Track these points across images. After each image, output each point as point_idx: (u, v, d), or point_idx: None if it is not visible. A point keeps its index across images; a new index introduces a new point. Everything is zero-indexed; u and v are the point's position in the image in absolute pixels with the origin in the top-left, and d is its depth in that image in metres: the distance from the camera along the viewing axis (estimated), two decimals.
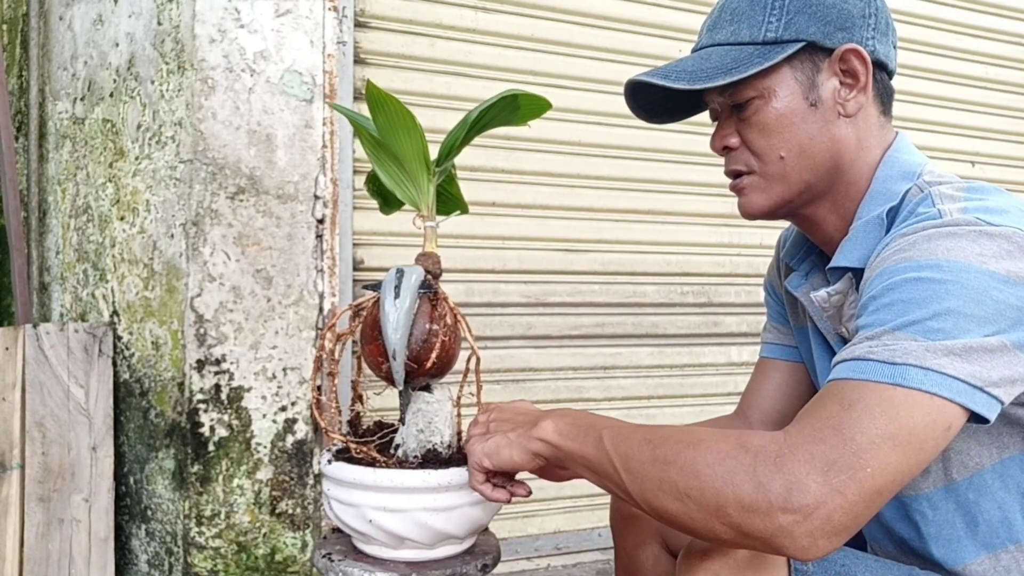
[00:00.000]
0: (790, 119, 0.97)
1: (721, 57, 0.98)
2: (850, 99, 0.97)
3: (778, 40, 0.96)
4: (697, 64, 0.99)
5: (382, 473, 1.02)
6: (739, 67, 0.96)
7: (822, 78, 0.97)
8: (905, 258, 0.83)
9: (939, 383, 0.75)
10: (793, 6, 0.97)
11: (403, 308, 1.02)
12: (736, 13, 1.00)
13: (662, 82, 0.97)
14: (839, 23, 0.96)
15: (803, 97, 0.97)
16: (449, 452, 1.09)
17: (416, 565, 1.06)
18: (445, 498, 1.02)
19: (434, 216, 1.11)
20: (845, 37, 0.96)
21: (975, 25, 2.70)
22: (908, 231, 0.87)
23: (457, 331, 1.10)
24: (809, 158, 0.98)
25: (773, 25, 0.97)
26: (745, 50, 0.98)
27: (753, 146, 0.99)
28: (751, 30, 0.98)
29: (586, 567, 2.21)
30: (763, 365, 1.24)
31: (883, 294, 0.82)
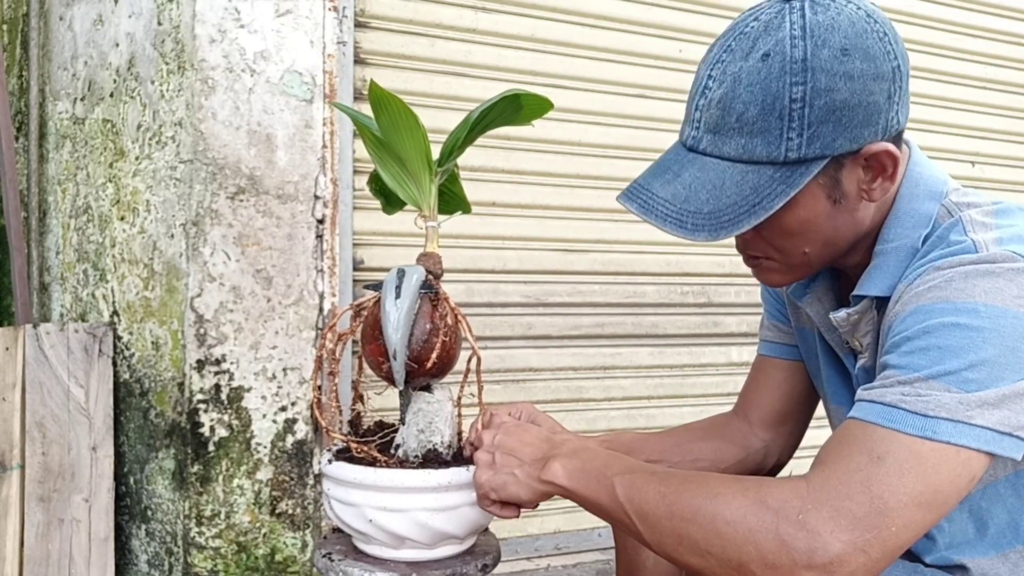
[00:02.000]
0: (814, 222, 0.89)
1: (737, 188, 0.86)
2: (876, 188, 0.88)
3: (801, 159, 0.84)
4: (713, 198, 0.86)
5: (382, 473, 1.02)
6: (762, 202, 0.84)
7: (846, 173, 0.87)
8: (941, 297, 0.80)
9: (968, 435, 0.75)
10: (816, 116, 0.83)
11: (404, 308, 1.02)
12: (746, 121, 0.85)
13: (677, 233, 0.86)
14: (866, 120, 0.84)
15: (827, 198, 0.88)
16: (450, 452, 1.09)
17: (416, 565, 1.06)
18: (445, 498, 1.02)
19: (436, 216, 1.11)
20: (872, 133, 0.85)
21: (975, 25, 2.70)
22: (943, 264, 0.83)
23: (458, 331, 1.10)
24: (834, 245, 0.92)
25: (795, 142, 0.84)
26: (763, 172, 0.85)
27: (774, 243, 0.92)
28: (767, 148, 0.85)
29: (586, 567, 2.21)
30: (761, 363, 1.22)
31: (919, 336, 0.80)
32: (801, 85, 0.83)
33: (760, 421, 1.22)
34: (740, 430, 1.23)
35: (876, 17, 0.86)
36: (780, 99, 0.83)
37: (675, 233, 0.86)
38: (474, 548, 1.12)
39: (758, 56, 0.85)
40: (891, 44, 0.86)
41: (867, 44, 0.84)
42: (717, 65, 0.88)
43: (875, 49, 0.84)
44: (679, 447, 1.22)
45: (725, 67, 0.87)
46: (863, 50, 0.84)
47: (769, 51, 0.84)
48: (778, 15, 0.86)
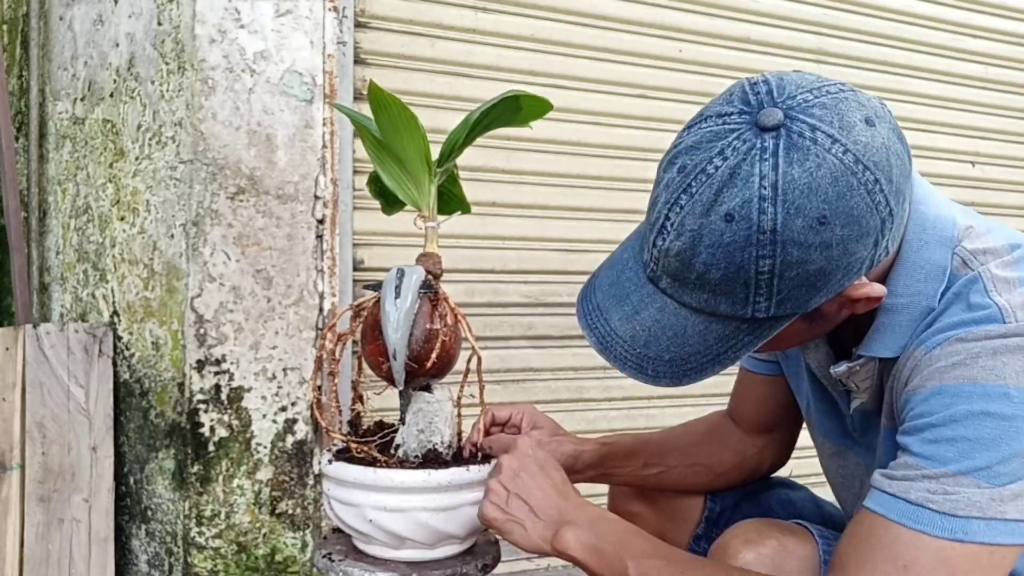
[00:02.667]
0: (789, 339, 0.84)
1: (700, 336, 0.79)
2: (859, 306, 0.81)
3: (770, 317, 0.78)
4: (672, 344, 0.80)
5: (383, 473, 1.02)
6: (727, 351, 0.79)
7: (823, 308, 0.80)
8: (969, 378, 0.74)
9: (1002, 531, 0.72)
10: (787, 285, 0.75)
11: (404, 308, 1.02)
12: (707, 281, 0.77)
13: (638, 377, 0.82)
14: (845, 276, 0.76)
15: (802, 319, 0.80)
16: (450, 452, 1.09)
17: (416, 565, 1.06)
18: (446, 498, 1.02)
19: (435, 216, 1.12)
20: (852, 279, 0.77)
21: (975, 25, 2.70)
22: (967, 336, 0.76)
23: (458, 331, 1.10)
24: (815, 337, 0.89)
25: (762, 305, 0.77)
26: (729, 325, 0.79)
27: None
28: (732, 307, 0.78)
29: None
30: (743, 376, 1.21)
31: (945, 424, 0.74)
32: (770, 259, 0.74)
33: (750, 428, 1.22)
34: (735, 435, 1.22)
35: (866, 161, 0.74)
36: (745, 270, 0.75)
37: (636, 378, 0.82)
38: (474, 548, 1.13)
39: (721, 215, 0.74)
40: (882, 193, 0.74)
41: (851, 205, 0.73)
42: (675, 208, 0.77)
43: (860, 207, 0.73)
44: (677, 451, 1.21)
45: (684, 217, 0.76)
46: (845, 214, 0.73)
47: (733, 213, 0.73)
48: (747, 158, 0.73)
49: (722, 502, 1.22)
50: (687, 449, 1.22)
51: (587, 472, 1.18)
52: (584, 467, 1.17)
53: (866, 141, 0.74)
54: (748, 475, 1.23)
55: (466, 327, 1.10)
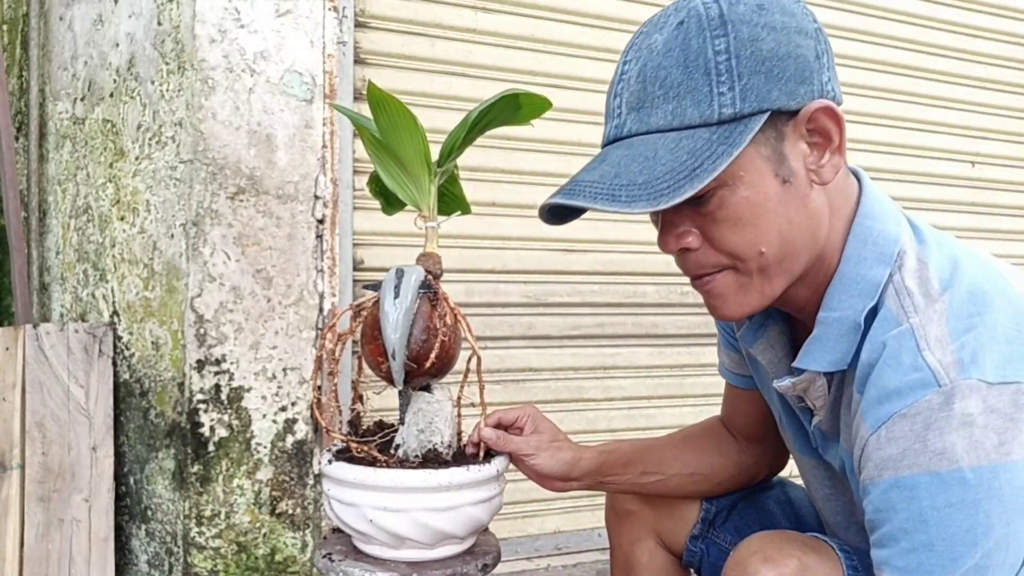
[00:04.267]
0: (764, 206, 0.80)
1: (672, 155, 0.77)
2: (825, 164, 0.81)
3: (738, 115, 0.77)
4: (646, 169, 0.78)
5: (383, 473, 1.02)
6: (703, 165, 0.76)
7: (788, 145, 0.80)
8: (923, 468, 0.73)
9: None
10: (745, 66, 0.77)
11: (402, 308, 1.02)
12: (670, 85, 0.79)
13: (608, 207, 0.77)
14: (799, 75, 0.78)
15: (774, 175, 0.79)
16: (450, 452, 1.09)
17: (416, 565, 1.06)
18: (446, 498, 1.02)
19: (435, 216, 1.12)
20: (808, 91, 0.79)
21: (975, 25, 2.70)
22: (909, 413, 0.74)
23: (457, 331, 1.10)
24: (791, 244, 0.82)
25: (727, 97, 0.77)
26: (699, 136, 0.77)
27: (724, 245, 0.82)
28: (699, 108, 0.78)
29: (586, 567, 2.21)
30: (728, 389, 1.21)
31: (916, 528, 0.73)
32: (723, 38, 0.78)
33: (743, 437, 1.21)
34: (732, 443, 1.22)
35: None
36: (703, 54, 0.78)
37: (608, 208, 0.78)
38: (474, 548, 1.12)
39: (672, 25, 0.81)
40: (807, 9, 0.83)
41: (783, 2, 0.82)
42: (631, 49, 0.85)
43: (792, 7, 0.82)
44: (675, 459, 1.21)
45: (639, 46, 0.84)
46: (780, 6, 0.81)
47: (683, 19, 0.80)
48: None
49: (719, 503, 1.22)
50: (686, 458, 1.21)
51: (585, 479, 1.17)
52: (582, 474, 1.16)
53: None
54: (746, 482, 1.22)
55: (466, 327, 1.10)
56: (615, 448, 1.20)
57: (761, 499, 1.23)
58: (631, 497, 1.24)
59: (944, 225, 2.68)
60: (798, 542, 0.92)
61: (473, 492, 1.04)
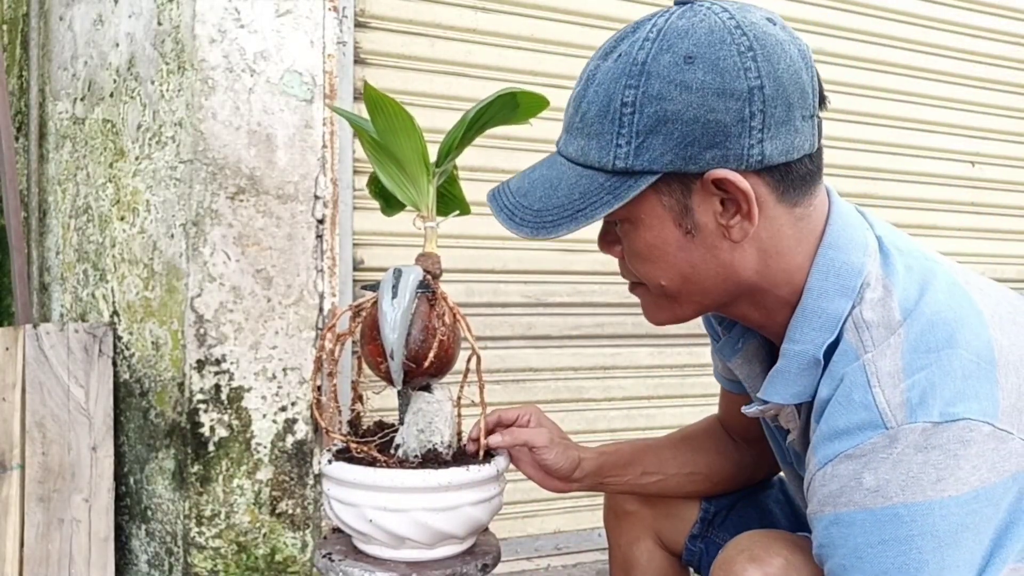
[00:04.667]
0: (663, 249, 0.82)
1: (569, 190, 0.81)
2: (734, 225, 0.80)
3: (628, 171, 0.78)
4: (546, 197, 0.83)
5: (383, 473, 1.02)
6: (585, 209, 0.79)
7: (696, 201, 0.79)
8: (858, 504, 0.75)
9: None
10: (644, 124, 0.76)
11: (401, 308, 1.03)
12: (587, 122, 0.81)
13: (507, 224, 0.84)
14: (706, 141, 0.76)
15: (676, 225, 0.81)
16: (450, 452, 1.09)
17: (416, 565, 1.06)
18: (446, 498, 1.02)
19: (434, 217, 1.12)
20: (716, 156, 0.76)
21: (975, 25, 2.70)
22: (854, 454, 0.75)
23: (456, 331, 1.10)
24: (696, 283, 0.84)
25: (622, 150, 0.78)
26: (595, 179, 0.80)
27: (635, 270, 0.87)
28: (599, 153, 0.79)
29: (586, 567, 2.21)
30: (722, 391, 1.22)
31: (854, 566, 0.75)
32: (634, 89, 0.77)
33: (740, 439, 1.22)
34: (731, 443, 1.23)
35: (748, 31, 0.77)
36: (614, 102, 0.78)
37: (502, 223, 0.84)
38: (474, 548, 1.13)
39: (614, 57, 0.80)
40: (754, 62, 0.76)
41: (719, 56, 0.75)
42: (585, 69, 0.84)
43: (728, 63, 0.75)
44: (675, 459, 1.21)
45: (589, 69, 0.83)
46: (711, 62, 0.75)
47: (621, 52, 0.79)
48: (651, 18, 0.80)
49: (718, 503, 1.22)
50: (685, 458, 1.21)
51: (586, 480, 1.17)
52: (584, 475, 1.17)
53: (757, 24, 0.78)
54: (745, 482, 1.23)
55: (465, 327, 1.10)
56: (615, 450, 1.20)
57: (760, 498, 1.24)
58: (630, 497, 1.24)
59: (944, 225, 2.69)
60: (786, 541, 0.92)
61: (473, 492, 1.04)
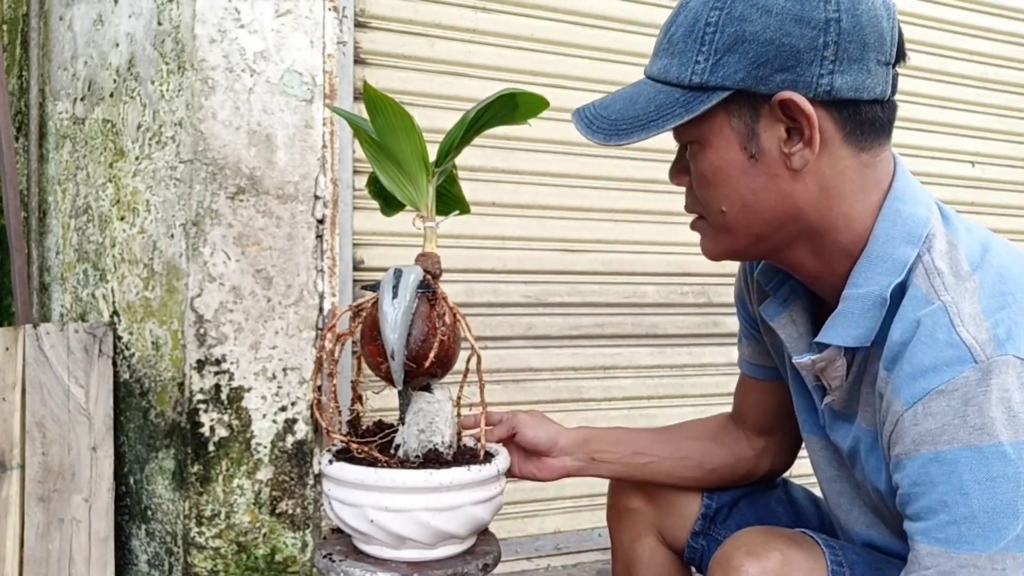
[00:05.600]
0: (727, 172, 0.85)
1: (647, 102, 0.86)
2: (795, 152, 0.83)
3: (703, 86, 0.82)
4: (624, 108, 0.87)
5: (384, 473, 1.02)
6: (659, 119, 0.84)
7: (763, 125, 0.83)
8: (963, 442, 0.75)
9: None
10: (723, 42, 0.81)
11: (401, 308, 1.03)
12: (673, 43, 0.86)
13: (584, 132, 0.88)
14: (778, 63, 0.80)
15: (741, 148, 0.84)
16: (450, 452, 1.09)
17: (417, 565, 1.06)
18: (447, 498, 1.02)
19: (434, 216, 1.12)
20: (786, 80, 0.80)
21: (975, 25, 2.70)
22: (947, 390, 0.76)
23: (456, 331, 1.10)
24: (755, 214, 0.86)
25: (700, 66, 0.82)
26: (672, 94, 0.84)
27: (697, 193, 0.90)
28: (679, 69, 0.84)
29: (586, 567, 2.21)
30: (742, 379, 1.21)
31: (957, 501, 0.75)
32: (718, 11, 0.82)
33: (750, 430, 1.21)
34: (733, 435, 1.22)
35: None
36: (699, 21, 0.83)
37: (580, 132, 0.88)
38: (474, 548, 1.13)
39: None
40: None
41: None
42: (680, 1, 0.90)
43: None
44: (667, 443, 1.21)
45: None
46: None
47: None
48: None
49: (719, 499, 1.22)
50: (676, 443, 1.22)
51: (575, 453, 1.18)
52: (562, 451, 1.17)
53: None
54: (743, 476, 1.22)
55: (465, 327, 1.10)
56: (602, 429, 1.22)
57: (763, 498, 1.24)
58: (632, 495, 1.25)
59: None
60: (783, 537, 0.93)
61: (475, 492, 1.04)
